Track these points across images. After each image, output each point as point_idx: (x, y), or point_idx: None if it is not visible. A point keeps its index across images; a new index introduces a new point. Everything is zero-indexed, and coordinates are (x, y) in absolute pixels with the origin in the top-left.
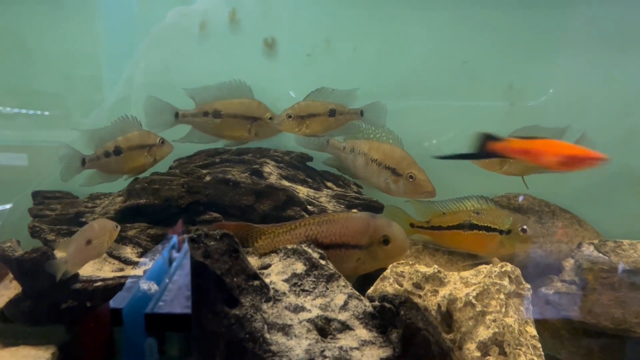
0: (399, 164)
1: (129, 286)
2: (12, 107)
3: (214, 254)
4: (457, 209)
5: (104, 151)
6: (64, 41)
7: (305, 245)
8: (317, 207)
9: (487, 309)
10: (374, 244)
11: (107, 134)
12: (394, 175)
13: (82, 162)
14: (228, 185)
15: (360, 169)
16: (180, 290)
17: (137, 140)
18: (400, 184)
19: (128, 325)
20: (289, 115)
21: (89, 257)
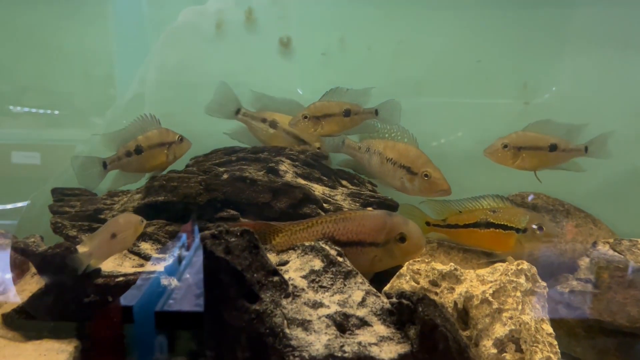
0: (414, 162)
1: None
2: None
3: (235, 250)
4: (473, 207)
5: (125, 151)
6: (77, 40)
7: (323, 243)
8: (332, 205)
9: (503, 306)
10: (391, 241)
11: (127, 134)
12: (409, 174)
13: (104, 165)
14: (245, 183)
15: (376, 168)
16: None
17: (157, 138)
18: (415, 183)
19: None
20: (305, 116)
21: (114, 251)
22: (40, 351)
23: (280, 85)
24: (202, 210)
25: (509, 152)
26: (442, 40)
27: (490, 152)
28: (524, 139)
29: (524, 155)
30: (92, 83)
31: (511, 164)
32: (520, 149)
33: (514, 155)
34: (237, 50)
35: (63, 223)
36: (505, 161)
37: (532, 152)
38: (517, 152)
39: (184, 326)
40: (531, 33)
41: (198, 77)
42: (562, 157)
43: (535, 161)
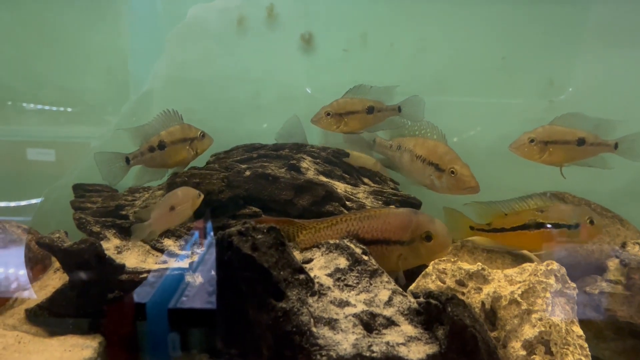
0: (442, 159)
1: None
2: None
3: (262, 247)
4: (519, 208)
5: (148, 146)
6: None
7: (347, 241)
8: (355, 202)
9: (532, 307)
10: (416, 240)
11: (151, 129)
12: (437, 171)
13: (126, 160)
14: (267, 180)
15: (407, 166)
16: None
17: (179, 134)
18: (443, 180)
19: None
20: (328, 113)
21: (173, 223)
22: (65, 346)
23: (301, 81)
24: (224, 207)
25: (536, 147)
26: (466, 36)
27: (516, 146)
28: (551, 132)
29: (551, 149)
30: (106, 80)
31: (538, 159)
32: (547, 143)
33: (541, 150)
34: (259, 47)
35: (87, 219)
36: (531, 156)
37: (560, 146)
38: (544, 147)
39: (207, 323)
40: (557, 29)
41: (218, 73)
42: (590, 151)
43: (563, 155)
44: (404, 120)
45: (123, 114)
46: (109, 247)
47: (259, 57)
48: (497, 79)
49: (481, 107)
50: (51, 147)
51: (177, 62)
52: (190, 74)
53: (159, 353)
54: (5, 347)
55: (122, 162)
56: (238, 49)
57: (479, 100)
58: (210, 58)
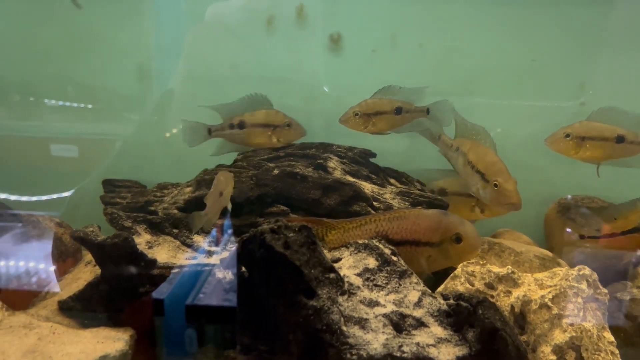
0: (488, 169)
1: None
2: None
3: (294, 245)
4: (628, 212)
5: (229, 123)
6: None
7: (376, 241)
8: (382, 203)
9: (563, 312)
10: (446, 241)
11: (235, 107)
12: (483, 181)
13: (209, 131)
14: (295, 179)
15: (461, 170)
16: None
17: (262, 118)
18: (487, 191)
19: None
20: (356, 113)
21: (221, 207)
22: (98, 338)
23: (330, 81)
24: (252, 205)
25: (572, 142)
26: (496, 38)
27: (552, 141)
28: (588, 128)
29: (587, 145)
30: (131, 78)
31: (573, 155)
32: (584, 139)
33: (577, 146)
34: (288, 46)
35: (119, 214)
36: (567, 151)
37: (597, 142)
38: (581, 142)
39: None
40: (589, 31)
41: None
42: (630, 150)
43: (600, 152)
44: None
45: (145, 112)
46: (140, 242)
47: (286, 57)
48: (527, 81)
49: (510, 110)
50: (75, 144)
51: (197, 60)
52: (213, 73)
53: (183, 347)
54: (40, 337)
55: (204, 131)
56: (265, 48)
57: (508, 103)
58: (236, 56)
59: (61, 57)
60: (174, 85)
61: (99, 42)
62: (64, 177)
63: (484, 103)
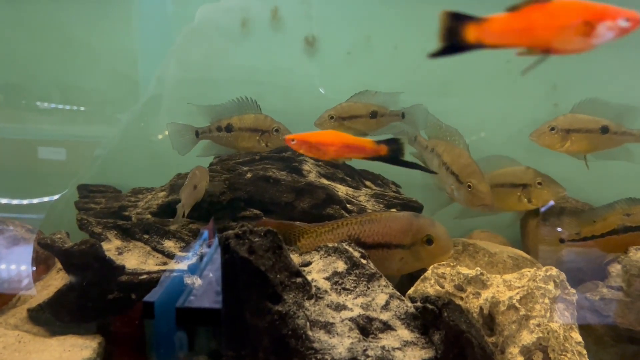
0: (462, 170)
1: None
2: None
3: (259, 250)
4: (607, 214)
5: (216, 125)
6: (102, 37)
7: (346, 244)
8: (356, 206)
9: (531, 313)
10: (417, 243)
11: (222, 110)
12: (457, 182)
13: (196, 134)
14: (269, 183)
15: (436, 170)
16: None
17: (250, 122)
18: (461, 192)
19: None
20: (331, 116)
21: (196, 199)
22: (65, 346)
23: (305, 84)
24: (225, 209)
25: (557, 135)
26: None
27: (537, 135)
28: (572, 120)
29: (573, 138)
30: (117, 81)
31: (559, 148)
32: (569, 131)
33: (563, 139)
34: (262, 49)
35: (89, 220)
36: (552, 145)
37: (582, 134)
38: (566, 135)
39: (205, 325)
40: None
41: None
42: (614, 140)
43: (585, 144)
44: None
45: (132, 115)
46: (109, 248)
47: (262, 59)
48: (501, 82)
49: (485, 111)
50: (61, 146)
51: (185, 64)
52: (199, 75)
53: (157, 353)
54: (5, 346)
55: (192, 134)
56: (242, 50)
57: (482, 104)
58: (218, 59)
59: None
60: (162, 90)
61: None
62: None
63: (458, 104)
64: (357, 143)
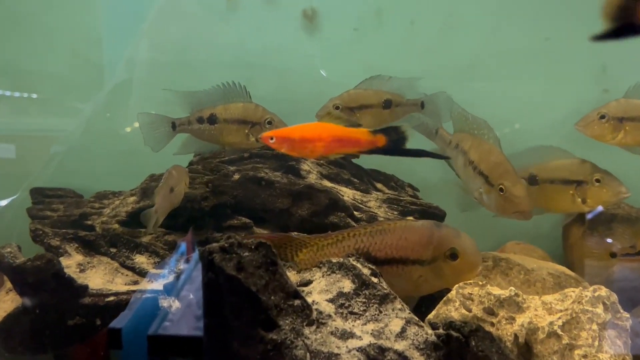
0: (493, 170)
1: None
2: None
3: (249, 267)
4: None
5: (197, 116)
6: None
7: (354, 259)
8: (365, 213)
9: (576, 341)
10: (439, 258)
11: (205, 97)
12: (487, 185)
13: (172, 126)
14: (260, 186)
15: (461, 170)
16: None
17: (238, 113)
18: (491, 196)
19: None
20: (337, 106)
21: (173, 204)
22: None
23: (303, 66)
24: (208, 217)
25: (608, 125)
26: (501, 12)
27: (584, 124)
28: (627, 107)
29: (627, 127)
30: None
31: (610, 140)
32: (622, 120)
33: (615, 129)
34: (253, 25)
35: (44, 230)
36: (602, 136)
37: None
38: (619, 124)
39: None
40: None
41: (205, 56)
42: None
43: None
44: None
45: (96, 104)
46: (69, 264)
47: (252, 38)
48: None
49: (520, 98)
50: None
51: (160, 44)
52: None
53: None
54: None
55: (167, 126)
56: (228, 27)
57: (516, 90)
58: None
59: None
60: (131, 74)
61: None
62: None
63: (487, 90)
64: (350, 135)
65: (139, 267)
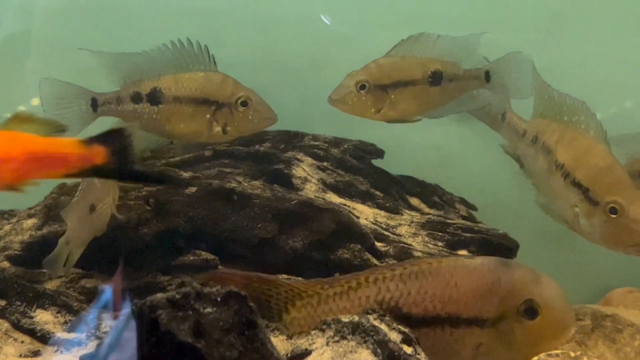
0: (597, 180)
1: None
2: None
3: (213, 331)
4: None
5: (132, 92)
6: None
7: (376, 318)
8: (392, 244)
9: None
10: (508, 317)
11: (144, 63)
12: (587, 201)
13: (93, 103)
14: (230, 202)
15: (541, 177)
16: None
17: (197, 88)
18: (595, 220)
19: None
20: (362, 85)
21: (94, 231)
22: None
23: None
24: (149, 250)
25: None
26: None
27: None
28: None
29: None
30: None
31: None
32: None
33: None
34: None
35: None
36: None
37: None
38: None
39: None
40: None
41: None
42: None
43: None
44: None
45: None
46: None
47: None
48: None
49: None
50: None
51: None
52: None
53: None
54: None
55: (85, 104)
56: None
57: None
58: None
59: None
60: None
61: None
62: None
63: (580, 53)
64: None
65: (41, 329)
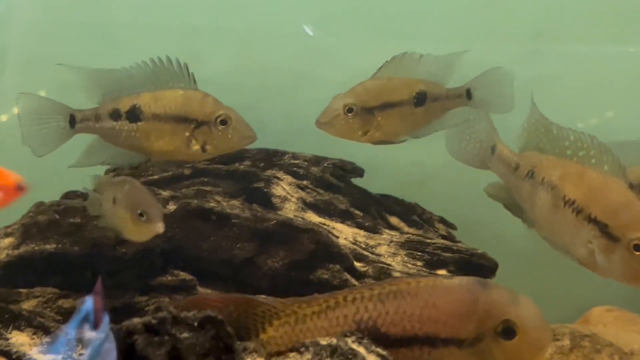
0: (617, 215)
1: None
2: None
3: (189, 357)
4: None
5: (110, 109)
6: None
7: (354, 340)
8: (371, 264)
9: None
10: (486, 337)
11: (124, 79)
12: (605, 237)
13: (71, 120)
14: (208, 222)
15: (543, 214)
16: None
17: (177, 106)
18: (614, 257)
19: None
20: (349, 108)
21: None
22: None
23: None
24: (126, 270)
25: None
26: None
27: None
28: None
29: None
30: None
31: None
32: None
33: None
34: None
35: None
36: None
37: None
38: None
39: None
40: None
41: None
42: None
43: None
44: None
45: None
46: None
47: None
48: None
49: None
50: None
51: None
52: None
53: None
54: None
55: (62, 120)
56: None
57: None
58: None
59: None
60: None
61: None
62: None
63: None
64: None
65: (17, 351)
